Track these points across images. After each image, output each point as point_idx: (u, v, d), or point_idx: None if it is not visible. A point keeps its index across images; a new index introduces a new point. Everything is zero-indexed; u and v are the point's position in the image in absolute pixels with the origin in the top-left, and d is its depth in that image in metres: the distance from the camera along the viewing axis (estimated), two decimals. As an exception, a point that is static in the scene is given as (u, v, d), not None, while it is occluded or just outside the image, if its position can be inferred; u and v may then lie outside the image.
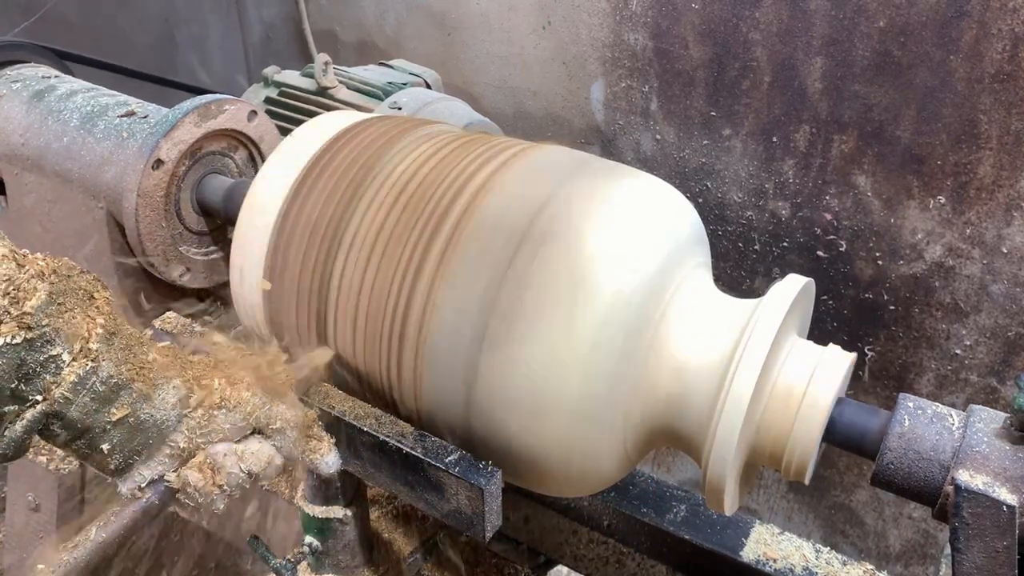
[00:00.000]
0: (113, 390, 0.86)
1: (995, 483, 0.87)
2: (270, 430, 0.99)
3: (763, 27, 2.13)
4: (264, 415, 0.98)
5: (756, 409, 0.97)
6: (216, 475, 0.94)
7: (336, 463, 1.10)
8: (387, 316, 1.07)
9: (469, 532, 1.05)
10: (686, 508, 1.29)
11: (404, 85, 1.92)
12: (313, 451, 1.08)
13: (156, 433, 0.91)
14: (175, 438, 0.92)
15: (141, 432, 0.90)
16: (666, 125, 2.42)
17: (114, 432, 0.88)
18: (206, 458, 0.94)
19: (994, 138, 1.93)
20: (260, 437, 0.99)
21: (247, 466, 0.96)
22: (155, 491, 0.93)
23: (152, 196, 1.42)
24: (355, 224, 1.11)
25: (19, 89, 1.64)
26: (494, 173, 1.08)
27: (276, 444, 1.00)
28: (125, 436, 0.89)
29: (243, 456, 0.96)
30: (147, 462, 0.92)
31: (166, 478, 0.93)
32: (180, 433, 0.92)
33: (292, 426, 1.02)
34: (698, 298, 1.05)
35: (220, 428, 0.94)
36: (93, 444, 0.88)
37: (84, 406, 0.85)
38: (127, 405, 0.88)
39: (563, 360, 0.96)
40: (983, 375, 2.17)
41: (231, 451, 0.95)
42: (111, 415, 0.87)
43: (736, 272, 2.47)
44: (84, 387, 0.84)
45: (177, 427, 0.92)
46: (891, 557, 2.55)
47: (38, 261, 0.84)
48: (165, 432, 0.91)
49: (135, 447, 0.90)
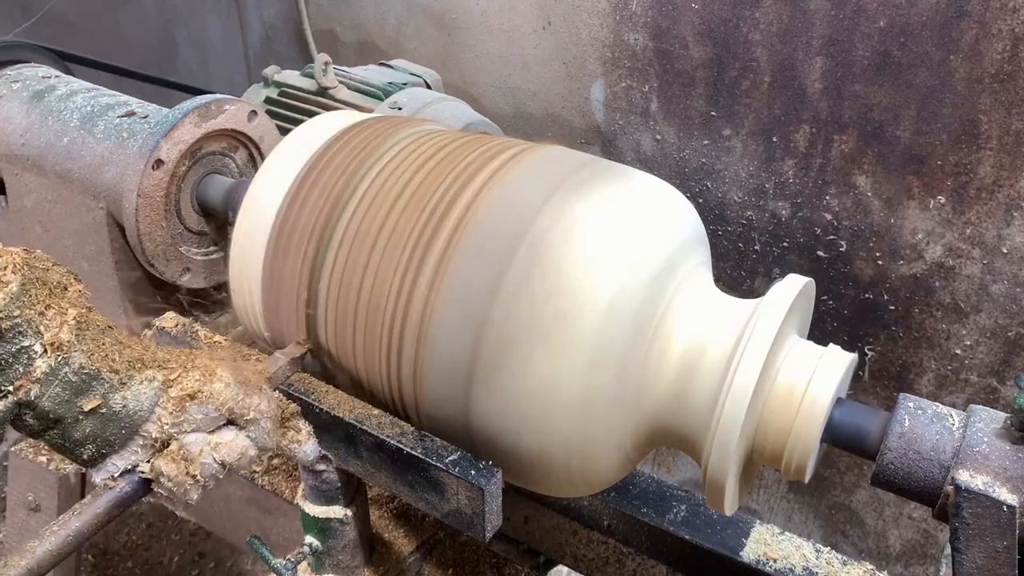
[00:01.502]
0: (85, 381, 0.88)
1: (995, 483, 0.87)
2: (244, 421, 1.00)
3: (763, 27, 2.13)
4: (238, 406, 0.99)
5: (756, 409, 0.97)
6: (190, 465, 0.94)
7: (315, 451, 1.10)
8: (386, 319, 1.07)
9: (469, 532, 1.05)
10: (686, 508, 1.29)
11: (404, 85, 1.92)
12: (291, 440, 1.08)
13: (129, 423, 0.92)
14: (148, 428, 0.93)
15: (114, 422, 0.91)
16: (666, 125, 2.42)
17: (87, 422, 0.89)
18: (179, 448, 0.95)
19: (994, 138, 1.93)
20: (234, 428, 1.00)
21: (221, 457, 0.96)
22: (128, 481, 0.94)
23: (152, 196, 1.42)
24: (354, 225, 1.11)
25: (19, 89, 1.64)
26: (493, 174, 1.08)
27: (250, 435, 1.00)
28: (98, 426, 0.90)
29: (216, 447, 0.97)
30: (120, 452, 0.93)
31: (139, 468, 0.94)
32: (153, 423, 0.93)
33: (267, 417, 1.02)
34: (698, 298, 1.05)
35: (193, 419, 0.95)
36: (66, 434, 0.89)
37: (56, 396, 0.86)
38: (99, 396, 0.89)
39: (563, 361, 0.96)
40: (983, 375, 2.17)
41: (204, 442, 0.96)
42: (83, 405, 0.88)
43: (736, 272, 2.47)
44: (56, 378, 0.86)
45: (150, 417, 0.93)
46: (891, 557, 2.55)
47: (12, 254, 0.86)
48: (138, 422, 0.92)
49: (108, 437, 0.91)
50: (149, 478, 0.94)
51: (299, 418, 1.10)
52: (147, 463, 0.94)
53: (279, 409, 1.07)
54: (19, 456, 1.75)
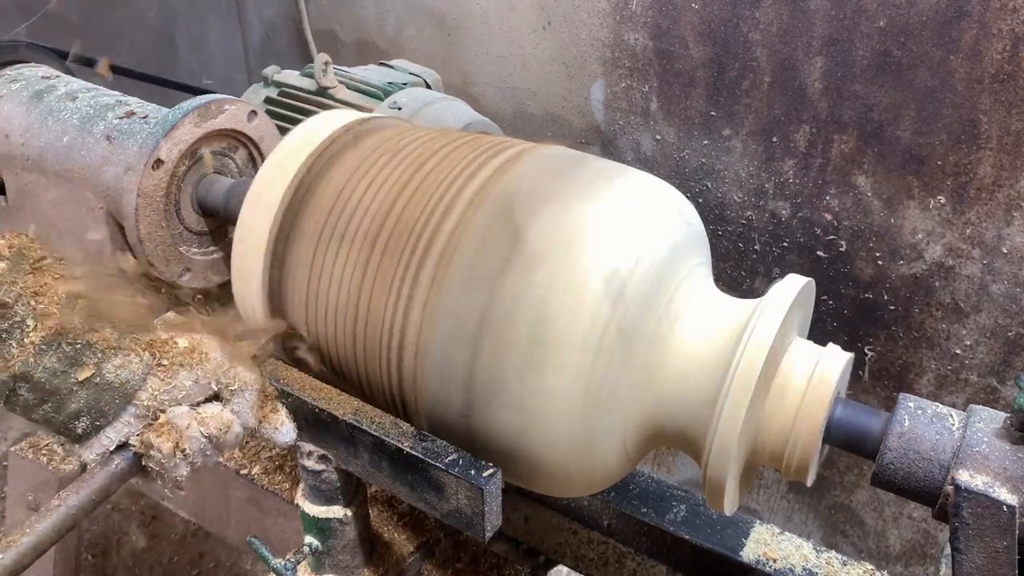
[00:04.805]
0: (79, 351, 0.90)
1: (995, 483, 0.87)
2: (229, 391, 1.01)
3: (763, 27, 2.13)
4: (224, 375, 1.01)
5: (756, 409, 0.97)
6: (179, 438, 0.95)
7: (291, 434, 1.11)
8: (387, 320, 1.07)
9: (469, 532, 1.05)
10: (686, 508, 1.29)
11: (404, 85, 1.92)
12: (270, 423, 1.09)
13: (122, 392, 0.93)
14: (140, 396, 0.94)
15: (108, 391, 0.92)
16: (666, 125, 2.42)
17: (81, 393, 0.91)
18: (167, 422, 0.96)
19: (994, 138, 1.93)
20: (219, 404, 1.01)
21: (207, 430, 0.97)
22: (123, 457, 0.95)
23: (152, 196, 1.42)
24: (355, 225, 1.11)
25: (19, 89, 1.64)
26: (493, 174, 1.08)
27: (234, 409, 1.01)
28: (92, 396, 0.92)
29: (202, 420, 0.98)
30: (113, 424, 0.94)
31: (130, 443, 0.95)
32: (145, 391, 0.95)
33: (252, 389, 1.04)
34: (698, 298, 1.05)
35: (182, 385, 0.97)
36: (60, 406, 0.90)
37: (51, 367, 0.88)
38: (92, 365, 0.91)
39: (563, 361, 0.96)
40: (983, 375, 2.17)
41: (191, 415, 0.97)
42: (77, 375, 0.90)
43: (736, 272, 2.47)
44: (50, 349, 0.88)
45: (142, 385, 0.94)
46: (891, 557, 2.55)
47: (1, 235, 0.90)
48: (131, 391, 0.94)
49: (102, 407, 0.92)
50: (141, 453, 0.95)
51: (277, 400, 1.11)
52: (137, 437, 0.96)
53: (263, 381, 1.09)
54: (19, 456, 1.75)
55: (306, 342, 1.17)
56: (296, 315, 1.17)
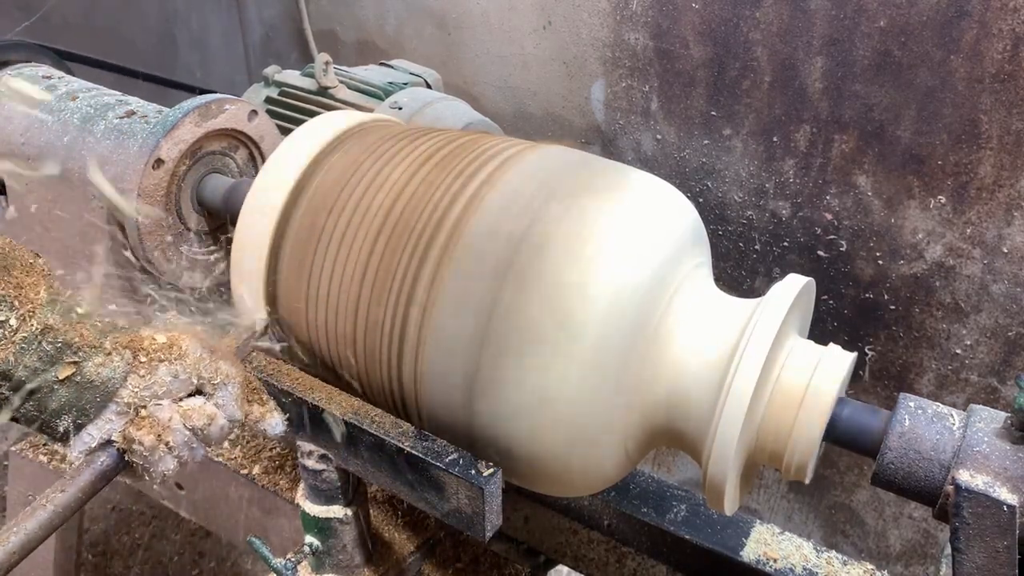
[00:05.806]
0: (60, 350, 0.90)
1: (995, 483, 0.87)
2: (212, 385, 1.01)
3: (763, 27, 2.13)
4: (205, 369, 1.00)
5: (757, 408, 0.97)
6: (163, 431, 0.95)
7: (281, 426, 1.11)
8: (386, 321, 1.07)
9: (469, 532, 1.05)
10: (686, 508, 1.29)
11: (404, 85, 1.92)
12: (259, 416, 1.09)
13: (103, 391, 0.93)
14: (121, 394, 0.94)
15: (89, 390, 0.92)
16: (666, 125, 2.42)
17: (62, 391, 0.91)
18: (148, 415, 0.96)
19: (994, 138, 1.92)
20: (201, 397, 1.00)
21: (190, 423, 0.97)
22: (107, 453, 0.95)
23: (152, 196, 1.42)
24: (355, 226, 1.11)
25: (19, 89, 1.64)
26: (492, 174, 1.08)
27: (218, 403, 1.01)
28: (73, 395, 0.92)
29: (185, 413, 0.97)
30: (95, 422, 0.94)
31: (113, 439, 0.95)
32: (126, 388, 0.95)
33: (235, 382, 1.03)
34: (698, 298, 1.05)
35: (163, 381, 0.96)
36: (42, 405, 0.91)
37: (31, 366, 0.88)
38: (72, 364, 0.91)
39: (563, 361, 0.96)
40: (983, 375, 2.17)
41: (172, 408, 0.97)
42: (58, 374, 0.90)
43: (736, 272, 2.47)
44: (31, 348, 0.88)
45: (124, 383, 0.94)
46: (891, 557, 2.55)
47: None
48: (112, 389, 0.94)
49: (84, 406, 0.92)
50: (124, 448, 0.95)
51: (263, 392, 1.11)
52: (120, 432, 0.95)
53: (245, 375, 1.08)
54: (19, 456, 1.75)
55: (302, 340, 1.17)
56: (296, 315, 1.17)
